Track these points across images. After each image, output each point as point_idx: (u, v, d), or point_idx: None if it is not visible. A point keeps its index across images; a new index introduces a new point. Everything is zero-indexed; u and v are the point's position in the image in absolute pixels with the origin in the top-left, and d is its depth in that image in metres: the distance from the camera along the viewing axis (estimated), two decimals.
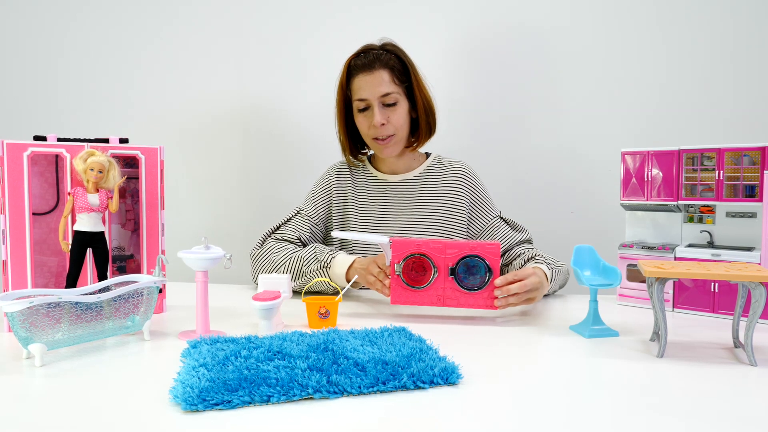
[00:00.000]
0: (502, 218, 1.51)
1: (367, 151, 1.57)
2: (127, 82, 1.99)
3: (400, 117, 1.43)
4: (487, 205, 1.50)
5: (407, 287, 1.18)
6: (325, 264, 1.35)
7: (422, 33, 1.86)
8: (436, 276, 1.17)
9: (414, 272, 1.19)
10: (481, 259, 1.15)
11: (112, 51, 1.99)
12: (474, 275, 1.17)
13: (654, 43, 1.76)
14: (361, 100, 1.42)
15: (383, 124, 1.41)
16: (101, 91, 2.00)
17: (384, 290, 1.23)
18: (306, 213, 1.52)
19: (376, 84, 1.40)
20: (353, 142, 1.53)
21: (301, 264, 1.37)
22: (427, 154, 1.58)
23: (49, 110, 2.02)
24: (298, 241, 1.48)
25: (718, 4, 1.72)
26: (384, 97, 1.40)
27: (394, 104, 1.42)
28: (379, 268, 1.25)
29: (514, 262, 1.40)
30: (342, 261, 1.35)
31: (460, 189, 1.49)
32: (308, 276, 1.36)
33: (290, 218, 1.52)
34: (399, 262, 1.18)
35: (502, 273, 1.30)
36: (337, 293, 1.34)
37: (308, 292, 1.38)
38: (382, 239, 1.21)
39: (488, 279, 1.15)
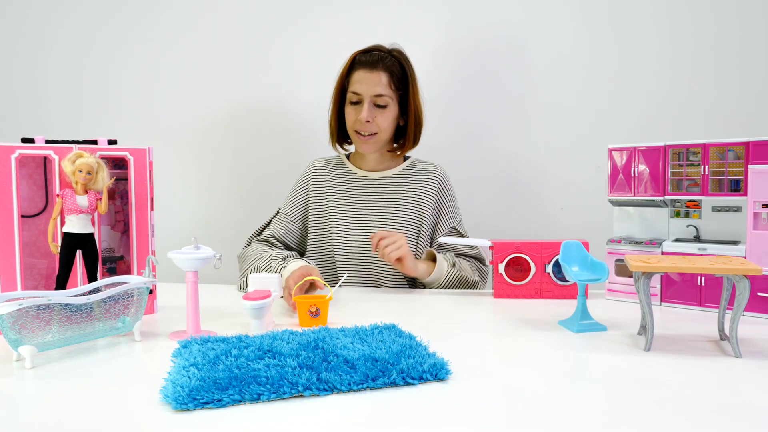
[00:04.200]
0: (455, 229, 1.59)
1: (350, 144, 1.62)
2: (116, 83, 1.98)
3: (386, 120, 1.50)
4: (449, 214, 1.59)
5: (510, 283, 1.34)
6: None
7: (411, 33, 1.86)
8: (534, 272, 1.32)
9: (514, 270, 1.34)
10: None
11: (100, 52, 1.98)
12: None
13: (641, 42, 1.78)
14: (355, 93, 1.48)
15: (368, 122, 1.47)
16: (89, 93, 1.99)
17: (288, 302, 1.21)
18: (283, 212, 1.60)
19: (373, 83, 1.46)
20: (341, 131, 1.59)
21: (258, 271, 1.40)
22: (405, 157, 1.64)
23: (36, 112, 2.02)
24: (274, 239, 1.55)
25: (704, 2, 1.74)
26: (377, 97, 1.47)
27: (384, 107, 1.49)
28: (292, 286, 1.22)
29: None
30: (289, 272, 1.31)
31: (431, 191, 1.57)
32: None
33: (270, 219, 1.61)
34: (502, 262, 1.34)
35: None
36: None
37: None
38: (484, 242, 1.38)
39: None
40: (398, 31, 1.86)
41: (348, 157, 1.64)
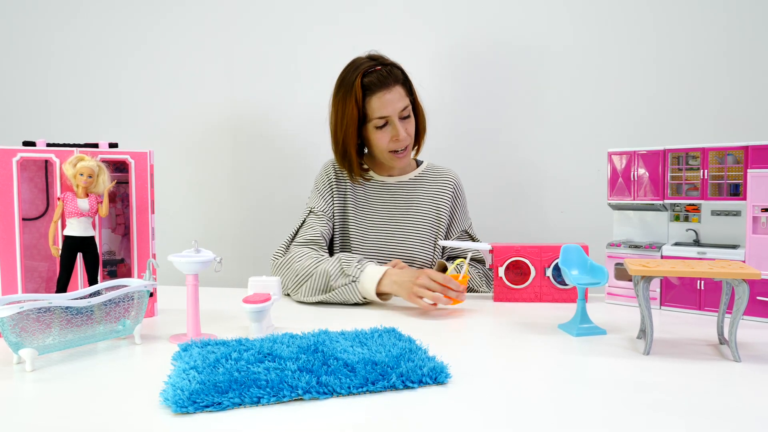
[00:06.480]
0: (467, 232, 1.60)
1: (365, 171, 1.57)
2: (117, 86, 1.99)
3: (412, 127, 1.50)
4: (461, 218, 1.59)
5: (510, 287, 1.35)
6: (354, 278, 1.30)
7: (413, 38, 1.87)
8: (534, 276, 1.33)
9: (513, 273, 1.36)
10: None
11: (101, 55, 1.98)
12: None
13: (641, 46, 1.78)
14: (381, 117, 1.44)
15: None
16: (91, 96, 1.99)
17: (432, 300, 1.22)
18: (319, 209, 1.53)
19: (396, 100, 1.44)
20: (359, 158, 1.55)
21: (329, 279, 1.32)
22: (417, 161, 1.64)
23: (38, 115, 2.02)
24: (321, 237, 1.48)
25: (704, 7, 1.74)
26: (402, 111, 1.45)
27: (408, 117, 1.48)
28: (434, 281, 1.23)
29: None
30: (372, 275, 1.30)
31: (447, 195, 1.57)
32: (337, 292, 1.31)
33: (305, 220, 1.53)
34: (502, 265, 1.35)
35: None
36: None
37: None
38: (484, 246, 1.37)
39: None
40: (399, 35, 1.86)
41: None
